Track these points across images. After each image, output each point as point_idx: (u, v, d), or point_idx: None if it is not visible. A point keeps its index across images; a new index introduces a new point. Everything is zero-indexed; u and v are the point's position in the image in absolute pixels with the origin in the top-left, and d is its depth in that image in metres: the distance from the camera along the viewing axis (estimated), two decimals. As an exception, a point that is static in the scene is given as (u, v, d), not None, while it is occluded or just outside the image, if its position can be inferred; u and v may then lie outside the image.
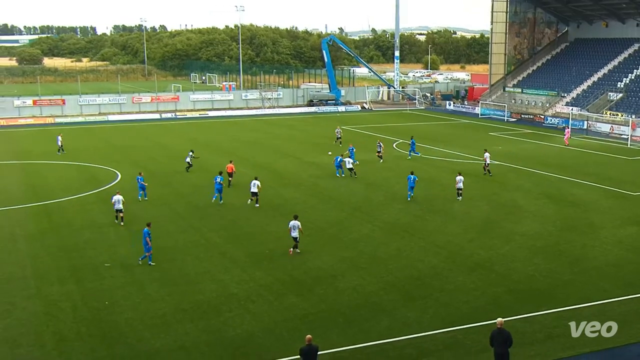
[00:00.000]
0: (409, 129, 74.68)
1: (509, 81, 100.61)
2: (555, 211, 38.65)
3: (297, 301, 24.95)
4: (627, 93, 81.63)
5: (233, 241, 32.22)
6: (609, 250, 31.10)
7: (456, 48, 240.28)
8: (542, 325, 22.74)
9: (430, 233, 33.92)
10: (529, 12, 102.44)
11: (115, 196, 35.87)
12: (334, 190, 43.76)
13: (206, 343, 21.64)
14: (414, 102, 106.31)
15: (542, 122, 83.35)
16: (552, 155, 58.51)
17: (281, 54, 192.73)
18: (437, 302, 24.84)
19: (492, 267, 28.81)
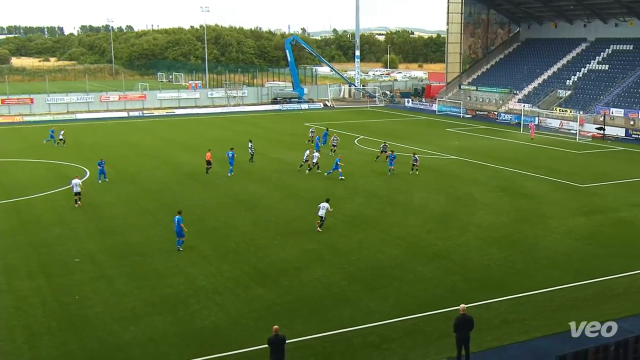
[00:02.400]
0: (369, 126, 75.03)
1: (464, 79, 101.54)
2: (508, 203, 39.16)
3: (262, 292, 24.90)
4: (575, 90, 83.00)
5: (200, 236, 32.00)
6: (559, 240, 31.62)
7: (414, 48, 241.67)
8: (498, 311, 23.04)
9: (390, 225, 34.09)
10: (482, 13, 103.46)
11: (74, 180, 37.93)
12: (298, 185, 43.74)
13: (175, 335, 21.48)
14: (374, 100, 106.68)
15: (496, 118, 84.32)
16: (506, 149, 59.25)
17: (246, 54, 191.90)
18: (398, 291, 25.00)
19: (449, 256, 29.09)
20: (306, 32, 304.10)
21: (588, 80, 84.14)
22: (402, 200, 39.60)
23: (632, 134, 68.48)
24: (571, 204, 38.63)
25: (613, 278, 26.23)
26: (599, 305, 23.60)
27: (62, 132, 62.39)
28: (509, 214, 36.58)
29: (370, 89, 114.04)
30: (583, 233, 32.81)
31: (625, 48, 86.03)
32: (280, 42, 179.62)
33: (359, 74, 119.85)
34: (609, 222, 34.83)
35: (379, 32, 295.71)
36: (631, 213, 36.62)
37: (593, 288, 25.26)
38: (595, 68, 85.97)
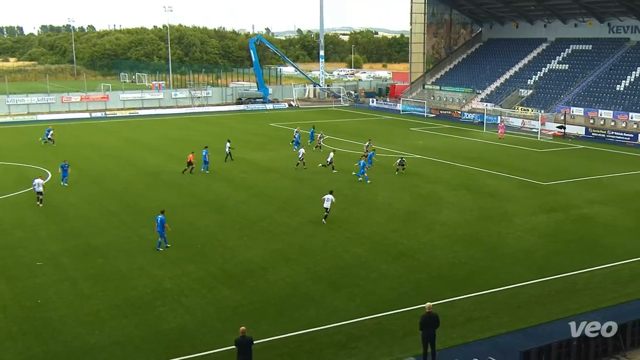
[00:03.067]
0: (335, 126, 75.13)
1: (427, 79, 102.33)
2: (472, 201, 39.58)
3: (229, 293, 24.78)
4: (536, 89, 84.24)
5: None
6: (523, 237, 32.06)
7: (378, 48, 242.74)
8: (462, 309, 23.27)
9: (355, 224, 34.20)
10: (445, 13, 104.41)
11: (36, 180, 37.78)
12: (264, 185, 43.62)
13: (140, 337, 21.26)
14: (339, 100, 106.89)
15: (459, 117, 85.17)
16: (469, 148, 59.86)
17: (210, 54, 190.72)
18: (363, 290, 25.09)
19: (414, 255, 29.29)
20: (270, 32, 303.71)
21: (549, 80, 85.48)
22: (367, 199, 39.77)
23: (592, 132, 69.74)
24: (533, 202, 39.19)
25: (575, 274, 26.70)
26: (562, 300, 23.98)
27: (51, 131, 62.65)
28: (472, 212, 36.97)
29: (335, 88, 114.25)
30: (545, 230, 33.31)
31: (585, 48, 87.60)
32: (244, 42, 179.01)
33: (324, 74, 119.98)
34: (571, 219, 35.42)
35: (343, 32, 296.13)
36: (592, 210, 37.30)
37: (556, 284, 25.67)
38: (556, 68, 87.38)
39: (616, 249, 30.16)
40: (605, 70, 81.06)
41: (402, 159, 47.37)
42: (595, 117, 72.87)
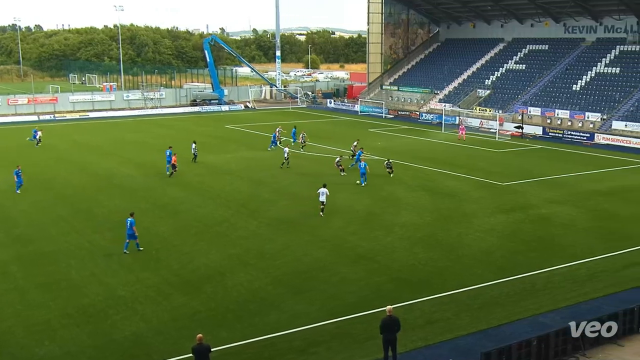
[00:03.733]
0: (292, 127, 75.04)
1: (385, 79, 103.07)
2: (431, 202, 39.98)
3: (185, 300, 24.57)
4: (494, 89, 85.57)
5: (119, 243, 31.25)
6: (482, 238, 32.51)
7: (335, 48, 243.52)
8: (422, 311, 23.49)
9: (315, 227, 34.25)
10: (402, 13, 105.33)
11: None
12: (220, 188, 43.39)
13: (93, 347, 20.93)
14: (296, 101, 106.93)
15: (417, 118, 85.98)
16: (428, 149, 60.47)
17: (163, 54, 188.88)
18: (324, 294, 25.14)
19: (374, 257, 29.46)
20: (225, 32, 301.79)
21: (506, 80, 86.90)
22: (327, 201, 39.78)
23: (549, 132, 71.11)
24: (492, 202, 39.78)
25: (534, 274, 27.17)
26: (521, 301, 24.39)
27: (39, 132, 63.02)
28: (432, 213, 37.35)
29: (292, 89, 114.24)
30: (504, 230, 33.84)
31: (541, 48, 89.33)
32: (198, 42, 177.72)
33: (280, 74, 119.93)
34: (529, 219, 36.05)
35: (300, 32, 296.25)
36: (550, 210, 38.02)
37: (515, 284, 26.08)
38: (513, 68, 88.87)
39: (574, 248, 30.80)
40: (561, 70, 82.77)
41: (388, 162, 47.60)
42: (552, 117, 74.32)
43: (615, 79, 76.26)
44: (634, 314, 21.46)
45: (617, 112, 70.07)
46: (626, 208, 38.58)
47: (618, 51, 79.92)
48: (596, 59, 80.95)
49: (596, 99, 74.08)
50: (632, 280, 26.47)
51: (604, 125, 69.41)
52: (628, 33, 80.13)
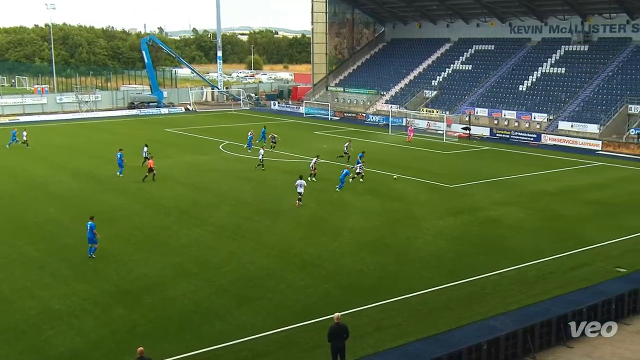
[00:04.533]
0: (235, 130, 74.79)
1: (331, 80, 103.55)
2: (380, 206, 40.29)
3: (125, 312, 24.16)
4: (440, 90, 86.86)
5: (53, 254, 30.60)
6: (431, 241, 32.90)
7: (279, 48, 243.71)
8: (371, 318, 23.61)
9: (260, 234, 34.14)
10: (347, 12, 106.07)
11: None
12: (160, 195, 42.85)
13: (27, 365, 20.40)
14: (238, 103, 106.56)
15: (364, 120, 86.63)
16: (375, 151, 60.83)
17: (98, 55, 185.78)
18: (270, 303, 25.05)
19: (322, 264, 29.50)
20: (164, 32, 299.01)
21: (453, 81, 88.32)
22: (272, 206, 39.77)
23: (497, 133, 72.53)
24: (441, 205, 40.31)
25: (483, 277, 27.61)
26: (471, 304, 24.75)
27: (24, 133, 63.31)
28: (380, 217, 37.63)
29: (235, 91, 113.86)
30: (453, 233, 34.32)
31: (487, 48, 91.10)
32: (135, 43, 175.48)
33: (222, 75, 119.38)
34: (478, 222, 36.66)
35: (242, 32, 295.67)
36: (498, 212, 38.74)
37: (465, 288, 26.47)
38: (460, 68, 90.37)
39: (522, 250, 31.45)
40: (507, 71, 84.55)
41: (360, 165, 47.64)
42: (499, 118, 75.82)
43: (560, 79, 78.28)
44: (583, 315, 22.01)
45: (563, 113, 71.92)
46: (574, 208, 39.61)
47: (563, 51, 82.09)
48: (542, 59, 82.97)
49: (542, 99, 75.90)
50: (580, 280, 27.16)
51: (550, 125, 71.15)
52: (573, 33, 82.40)
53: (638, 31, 77.29)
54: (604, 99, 70.90)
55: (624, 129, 66.37)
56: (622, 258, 30.13)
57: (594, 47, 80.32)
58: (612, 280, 27.20)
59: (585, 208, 39.82)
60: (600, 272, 28.24)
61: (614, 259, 30.04)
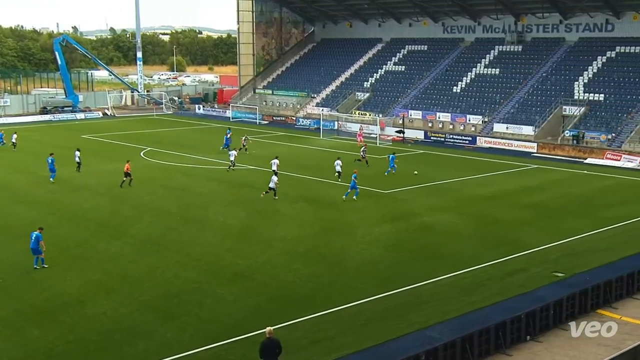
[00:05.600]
0: (157, 136, 73.94)
1: (259, 82, 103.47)
2: (313, 213, 40.43)
3: (40, 333, 23.52)
4: (373, 92, 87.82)
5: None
6: (366, 250, 33.19)
7: (203, 48, 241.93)
8: (305, 331, 23.64)
9: (185, 245, 33.78)
10: (275, 11, 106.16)
11: None
12: (77, 206, 41.96)
13: None
14: (160, 107, 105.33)
15: (294, 123, 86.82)
16: (306, 156, 61.12)
17: (6, 56, 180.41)
18: (197, 319, 24.81)
19: (252, 275, 29.40)
20: (79, 32, 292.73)
21: (386, 82, 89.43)
22: (197, 216, 39.43)
23: (431, 136, 73.78)
24: (376, 211, 40.72)
25: (420, 285, 28.01)
26: (407, 314, 25.07)
27: (14, 135, 65.53)
28: (313, 225, 37.75)
29: (156, 94, 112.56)
30: (389, 241, 34.71)
31: (420, 48, 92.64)
32: (48, 43, 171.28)
33: (143, 78, 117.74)
34: (413, 228, 37.19)
35: (163, 32, 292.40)
36: (433, 217, 39.39)
37: (401, 297, 26.78)
38: (392, 69, 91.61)
39: (459, 256, 32.05)
40: (441, 72, 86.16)
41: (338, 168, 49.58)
42: (433, 121, 77.18)
43: (495, 80, 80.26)
44: (521, 322, 22.56)
45: (498, 115, 73.72)
46: (509, 212, 40.62)
47: (497, 51, 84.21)
48: (476, 59, 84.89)
49: (477, 101, 77.65)
50: (518, 287, 27.83)
51: (485, 128, 72.81)
52: (506, 33, 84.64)
53: (571, 31, 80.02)
54: (539, 100, 73.04)
55: (558, 130, 68.50)
56: (559, 262, 31.06)
57: (527, 47, 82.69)
58: (550, 285, 27.97)
59: (522, 212, 40.88)
60: (537, 277, 29.02)
61: (551, 263, 30.93)
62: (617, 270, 28.07)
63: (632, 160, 58.78)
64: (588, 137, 65.07)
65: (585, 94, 70.49)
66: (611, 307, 25.70)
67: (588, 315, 24.79)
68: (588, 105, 69.10)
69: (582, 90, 71.33)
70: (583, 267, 30.26)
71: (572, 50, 78.67)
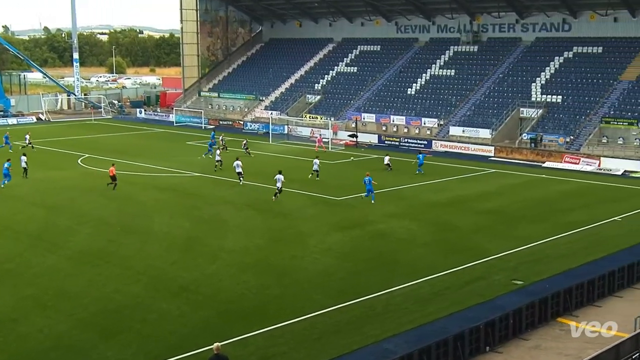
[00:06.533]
0: (96, 142, 73.08)
1: (204, 85, 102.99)
2: (262, 223, 40.31)
3: (-31, 355, 23.02)
4: (324, 95, 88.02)
5: None
6: (318, 260, 33.19)
7: (144, 49, 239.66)
8: (256, 346, 23.52)
9: (127, 258, 33.36)
10: (220, 10, 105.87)
11: None
12: (9, 218, 41.13)
13: None
14: (99, 111, 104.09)
15: (241, 128, 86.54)
16: (254, 162, 60.88)
17: None
18: (140, 335, 24.50)
19: (198, 289, 29.17)
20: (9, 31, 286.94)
21: (337, 84, 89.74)
22: (140, 227, 39.00)
23: (385, 140, 74.26)
24: (328, 219, 40.78)
25: (375, 296, 28.08)
26: (363, 327, 25.09)
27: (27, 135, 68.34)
28: (263, 235, 37.63)
29: (95, 98, 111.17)
30: (342, 250, 34.77)
31: (373, 49, 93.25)
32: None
33: (80, 80, 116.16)
34: (368, 236, 37.34)
35: (102, 31, 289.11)
36: (388, 224, 39.61)
37: (355, 309, 26.81)
38: (344, 70, 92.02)
39: (415, 265, 32.27)
40: (395, 73, 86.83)
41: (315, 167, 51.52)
42: (387, 124, 77.75)
43: (450, 81, 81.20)
44: (480, 332, 22.80)
45: (454, 117, 74.61)
46: (466, 219, 41.07)
47: (452, 52, 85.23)
48: (430, 60, 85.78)
49: (432, 103, 78.46)
50: (476, 295, 28.12)
51: (441, 131, 73.58)
52: (461, 33, 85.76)
53: (528, 31, 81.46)
54: (496, 102, 74.12)
55: (516, 133, 69.61)
56: (518, 269, 31.50)
57: (483, 48, 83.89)
58: (509, 293, 28.34)
59: (480, 218, 41.39)
60: (496, 286, 29.38)
61: (510, 270, 31.35)
62: (577, 277, 28.63)
63: (590, 163, 60.06)
64: (546, 140, 66.30)
65: (543, 96, 71.80)
66: (572, 315, 26.16)
67: (548, 324, 25.20)
68: (546, 107, 70.39)
69: (539, 92, 72.64)
70: (543, 274, 30.75)
71: (529, 51, 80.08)
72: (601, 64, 73.47)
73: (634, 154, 60.70)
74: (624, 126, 63.64)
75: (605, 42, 74.90)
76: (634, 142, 62.22)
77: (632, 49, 72.81)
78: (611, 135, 63.94)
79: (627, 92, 67.90)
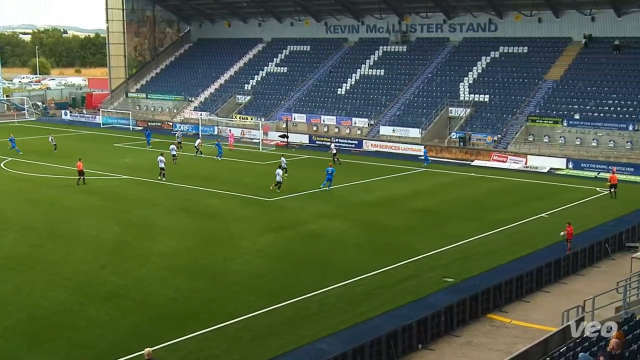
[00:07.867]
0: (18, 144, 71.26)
1: (131, 86, 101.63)
2: (192, 225, 39.99)
3: None
4: (254, 95, 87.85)
5: None
6: (250, 261, 33.12)
7: (69, 49, 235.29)
8: (188, 350, 23.34)
9: (54, 263, 32.67)
10: (147, 9, 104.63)
11: None
12: None
13: None
14: (22, 113, 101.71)
15: (171, 129, 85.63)
16: (185, 164, 60.38)
17: None
18: (69, 342, 24.04)
19: (127, 294, 28.77)
20: None
21: (267, 84, 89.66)
22: (67, 231, 38.26)
23: (316, 140, 74.49)
24: (260, 221, 40.71)
25: (308, 296, 28.17)
26: (296, 328, 25.15)
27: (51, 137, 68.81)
28: (193, 237, 37.34)
29: (17, 99, 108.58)
30: (274, 251, 34.77)
31: (303, 49, 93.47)
32: None
33: (2, 81, 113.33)
34: (300, 237, 37.41)
35: (24, 31, 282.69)
36: (320, 225, 39.77)
37: (288, 310, 26.86)
38: (274, 71, 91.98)
39: (348, 265, 32.47)
40: (325, 73, 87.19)
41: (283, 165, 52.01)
42: (318, 124, 78.00)
43: (380, 81, 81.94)
44: (413, 330, 23.09)
45: (384, 117, 75.32)
46: (397, 218, 41.54)
47: (381, 52, 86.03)
48: (360, 60, 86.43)
49: (362, 103, 79.05)
50: (407, 294, 28.49)
51: (371, 131, 74.20)
52: (390, 33, 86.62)
53: (455, 31, 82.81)
54: (425, 102, 75.12)
55: (445, 132, 70.69)
56: (450, 267, 32.03)
57: (412, 48, 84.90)
58: (440, 291, 28.81)
59: (411, 217, 41.91)
60: (428, 284, 29.82)
61: (442, 268, 31.85)
62: (506, 273, 29.29)
63: (517, 161, 61.42)
64: (474, 138, 67.51)
65: (471, 95, 73.08)
66: (501, 311, 26.74)
67: (479, 321, 25.69)
68: (474, 106, 71.66)
69: (467, 91, 73.91)
70: (473, 271, 31.35)
71: (457, 51, 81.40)
72: (526, 63, 75.18)
73: (559, 152, 62.34)
74: (550, 125, 65.26)
75: (530, 42, 76.66)
76: (559, 140, 63.88)
77: (556, 48, 74.74)
78: (537, 134, 65.48)
79: (552, 92, 69.65)
